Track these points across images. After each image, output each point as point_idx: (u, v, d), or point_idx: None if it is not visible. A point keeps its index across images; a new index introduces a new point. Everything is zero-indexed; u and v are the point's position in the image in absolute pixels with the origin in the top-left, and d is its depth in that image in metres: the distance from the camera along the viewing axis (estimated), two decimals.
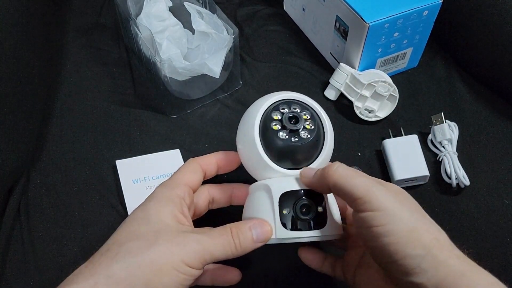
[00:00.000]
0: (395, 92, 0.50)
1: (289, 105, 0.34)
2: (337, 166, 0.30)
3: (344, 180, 0.29)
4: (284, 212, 0.31)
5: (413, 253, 0.26)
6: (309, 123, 0.33)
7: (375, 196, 0.27)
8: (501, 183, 0.46)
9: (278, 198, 0.31)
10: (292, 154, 0.33)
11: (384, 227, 0.27)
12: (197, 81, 0.50)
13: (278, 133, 0.33)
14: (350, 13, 0.49)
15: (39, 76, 0.51)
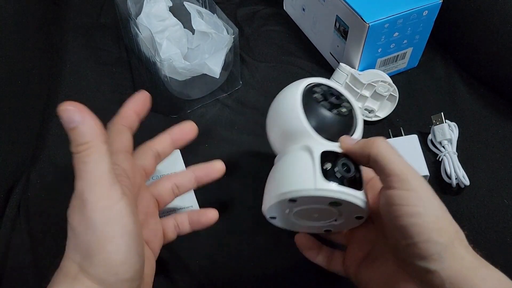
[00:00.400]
0: (395, 92, 0.50)
1: (328, 87, 0.36)
2: (380, 139, 0.30)
3: (386, 154, 0.29)
4: (325, 167, 0.30)
5: (437, 240, 0.26)
6: (346, 104, 0.35)
7: (412, 177, 0.28)
8: (501, 183, 0.46)
9: (320, 154, 0.30)
10: (332, 124, 0.33)
11: (415, 208, 0.27)
12: (197, 81, 0.50)
13: (320, 102, 0.34)
14: (350, 13, 0.49)
15: (39, 76, 0.51)
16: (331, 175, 0.30)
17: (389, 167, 0.28)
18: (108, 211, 0.25)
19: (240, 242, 0.42)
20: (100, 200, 0.25)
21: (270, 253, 0.42)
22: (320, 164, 0.30)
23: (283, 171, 0.32)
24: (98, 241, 0.25)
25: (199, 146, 0.50)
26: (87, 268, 0.25)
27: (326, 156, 0.31)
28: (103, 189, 0.25)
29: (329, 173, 0.30)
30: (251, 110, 0.53)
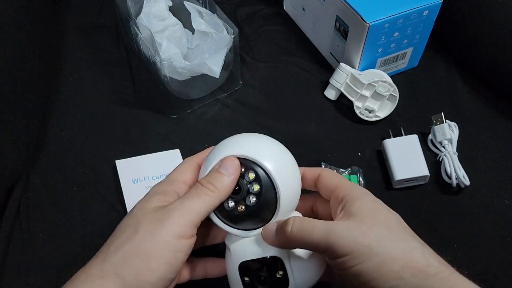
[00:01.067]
0: (395, 92, 0.50)
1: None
2: (290, 225, 0.29)
3: (302, 238, 0.29)
4: (246, 279, 0.32)
5: (388, 285, 0.26)
6: (256, 184, 0.31)
7: (337, 242, 0.28)
8: (501, 183, 0.46)
9: (238, 268, 0.32)
10: (244, 220, 0.32)
11: (356, 268, 0.27)
12: (197, 81, 0.50)
13: (224, 204, 0.31)
14: (350, 13, 0.49)
15: (39, 76, 0.51)
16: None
17: (314, 247, 0.29)
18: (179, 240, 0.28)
19: None
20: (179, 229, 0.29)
21: None
22: (240, 279, 0.32)
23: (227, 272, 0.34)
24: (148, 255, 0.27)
25: (199, 146, 0.50)
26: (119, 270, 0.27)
27: (245, 268, 0.32)
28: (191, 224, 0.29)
29: (250, 286, 0.32)
30: (251, 110, 0.53)
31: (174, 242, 0.28)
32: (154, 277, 0.28)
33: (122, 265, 0.27)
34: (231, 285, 0.34)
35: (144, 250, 0.28)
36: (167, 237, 0.28)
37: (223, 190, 0.30)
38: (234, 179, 0.31)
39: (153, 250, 0.28)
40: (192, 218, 0.29)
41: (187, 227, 0.29)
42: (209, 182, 0.30)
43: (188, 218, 0.29)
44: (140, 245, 0.28)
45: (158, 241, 0.28)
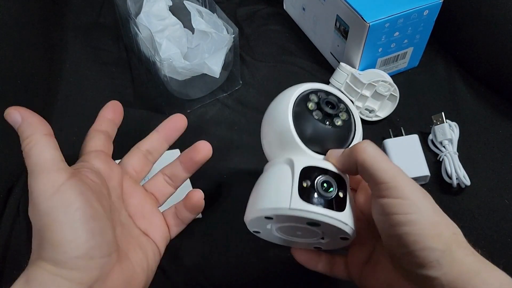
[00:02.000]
0: (395, 92, 0.50)
1: (326, 93, 0.33)
2: (366, 144, 0.28)
3: (373, 160, 0.27)
4: (304, 184, 0.28)
5: (434, 246, 0.25)
6: (343, 115, 0.32)
7: (402, 183, 0.27)
8: (502, 183, 0.46)
9: (300, 170, 0.29)
10: (323, 137, 0.31)
11: (408, 216, 0.26)
12: (197, 81, 0.50)
13: (313, 112, 0.31)
14: (351, 12, 0.49)
15: (39, 76, 0.51)
16: (309, 194, 0.28)
17: (377, 174, 0.27)
18: (52, 194, 0.26)
19: (239, 242, 0.42)
20: (43, 185, 0.26)
21: (268, 253, 0.41)
22: (298, 181, 0.28)
23: (263, 185, 0.31)
24: (44, 223, 0.26)
25: None
26: (41, 252, 0.26)
27: (308, 173, 0.29)
28: (47, 176, 0.26)
29: (307, 192, 0.28)
30: (251, 110, 0.53)
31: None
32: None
33: None
34: (269, 195, 0.30)
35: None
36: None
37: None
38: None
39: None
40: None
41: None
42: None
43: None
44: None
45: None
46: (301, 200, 0.28)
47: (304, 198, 0.28)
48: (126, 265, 0.29)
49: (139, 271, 0.30)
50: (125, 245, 0.30)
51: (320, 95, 0.32)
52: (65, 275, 0.25)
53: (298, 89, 0.33)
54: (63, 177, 0.27)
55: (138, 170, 0.35)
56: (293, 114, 0.31)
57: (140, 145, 0.36)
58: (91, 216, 0.26)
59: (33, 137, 0.28)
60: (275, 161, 0.32)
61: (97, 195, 0.28)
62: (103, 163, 0.32)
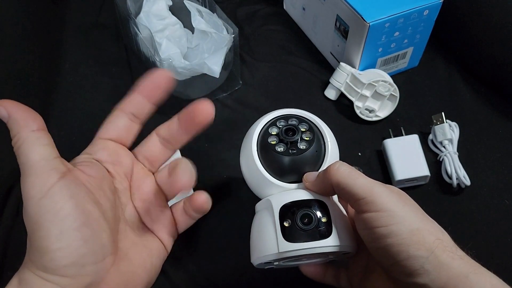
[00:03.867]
0: (395, 92, 0.50)
1: (286, 119, 0.34)
2: (338, 165, 0.29)
3: (347, 180, 0.28)
4: (286, 224, 0.30)
5: (417, 254, 0.25)
6: (307, 135, 0.33)
7: (378, 196, 0.27)
8: (502, 183, 0.46)
9: (279, 211, 0.30)
10: (291, 166, 0.32)
11: (387, 228, 0.26)
12: (197, 80, 0.50)
13: (275, 147, 0.32)
14: (351, 12, 0.49)
15: (38, 76, 0.51)
16: (292, 233, 0.29)
17: (353, 193, 0.28)
18: (39, 199, 0.24)
19: (239, 242, 0.42)
20: (31, 188, 0.25)
21: None
22: (279, 224, 0.30)
23: (255, 234, 0.32)
24: (32, 229, 0.25)
25: (199, 146, 0.49)
26: (31, 255, 0.25)
27: (286, 211, 0.30)
28: (36, 178, 0.25)
29: (290, 231, 0.29)
30: (251, 110, 0.53)
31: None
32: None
33: None
34: (259, 244, 0.31)
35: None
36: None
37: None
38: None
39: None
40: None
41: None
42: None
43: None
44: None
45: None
46: (286, 242, 0.29)
47: (289, 239, 0.29)
48: (125, 266, 0.28)
49: (140, 271, 0.29)
50: (125, 245, 0.29)
51: (280, 123, 0.34)
52: (55, 281, 0.24)
53: (257, 126, 0.34)
54: (53, 179, 0.25)
55: (154, 159, 0.33)
56: (259, 154, 0.33)
57: (157, 131, 0.34)
58: (82, 222, 0.25)
59: (20, 135, 0.26)
60: (259, 203, 0.34)
61: (95, 193, 0.27)
62: (109, 154, 0.30)
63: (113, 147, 0.31)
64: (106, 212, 0.27)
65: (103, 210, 0.27)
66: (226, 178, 0.47)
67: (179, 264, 0.41)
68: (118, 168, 0.31)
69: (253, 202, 0.45)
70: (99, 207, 0.27)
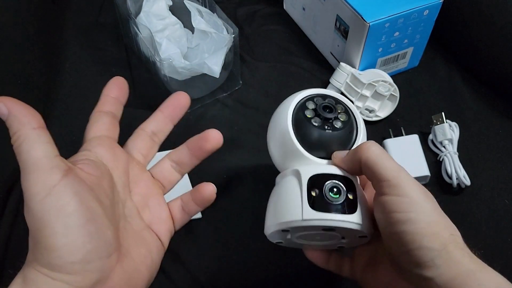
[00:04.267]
0: (395, 92, 0.50)
1: (323, 97, 0.34)
2: (370, 143, 0.29)
3: (376, 158, 0.28)
4: (313, 193, 0.29)
5: (430, 246, 0.25)
6: (343, 116, 0.33)
7: (404, 181, 0.27)
8: (502, 183, 0.46)
9: (307, 180, 0.30)
10: (324, 142, 0.32)
11: (406, 214, 0.26)
12: (197, 80, 0.50)
13: (311, 120, 0.32)
14: (351, 12, 0.49)
15: (38, 76, 0.51)
16: (318, 202, 0.29)
17: (379, 172, 0.27)
18: (44, 197, 0.24)
19: (239, 242, 0.42)
20: (34, 186, 0.25)
21: (273, 255, 0.41)
22: (307, 191, 0.29)
23: (276, 200, 0.32)
24: (37, 227, 0.24)
25: None
26: (36, 254, 0.25)
27: (315, 181, 0.30)
28: (38, 175, 0.25)
29: (317, 200, 0.29)
30: (251, 110, 0.53)
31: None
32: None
33: None
34: (281, 210, 0.31)
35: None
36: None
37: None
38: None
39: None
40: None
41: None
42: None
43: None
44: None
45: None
46: (312, 210, 0.29)
47: (315, 207, 0.29)
48: (127, 263, 0.28)
49: (143, 268, 0.30)
50: (127, 242, 0.29)
51: (317, 100, 0.34)
52: (61, 279, 0.24)
53: (295, 98, 0.34)
54: (56, 177, 0.25)
55: (144, 153, 0.34)
56: (293, 124, 0.33)
57: (143, 126, 0.35)
58: (87, 219, 0.25)
59: (21, 132, 0.26)
60: (283, 173, 0.33)
61: (96, 191, 0.27)
62: (106, 150, 0.30)
63: (108, 143, 0.31)
64: (108, 209, 0.28)
65: (105, 208, 0.27)
66: (226, 178, 0.47)
67: (179, 263, 0.41)
68: (116, 163, 0.31)
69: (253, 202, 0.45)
70: (101, 205, 0.27)
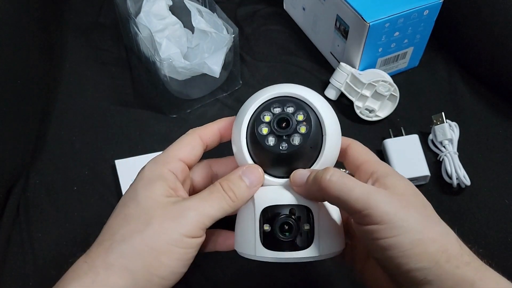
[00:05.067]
0: (395, 92, 0.50)
1: (283, 103, 0.30)
2: (330, 174, 0.26)
3: (340, 192, 0.26)
4: (266, 227, 0.28)
5: (419, 266, 0.25)
6: (304, 126, 0.29)
7: (376, 207, 0.25)
8: (502, 183, 0.46)
9: (260, 213, 0.29)
10: (281, 162, 0.29)
11: (388, 240, 0.25)
12: (197, 80, 0.50)
13: (266, 139, 0.29)
14: (351, 12, 0.49)
15: (38, 76, 0.51)
16: (270, 239, 0.28)
17: (347, 206, 0.26)
18: (190, 239, 0.28)
19: None
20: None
21: None
22: (259, 226, 0.29)
23: (237, 222, 0.31)
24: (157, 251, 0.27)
25: None
26: (128, 263, 0.27)
27: (268, 214, 0.29)
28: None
29: (269, 237, 0.28)
30: None
31: (186, 240, 0.28)
32: (166, 272, 0.27)
33: (132, 258, 0.27)
34: (241, 239, 0.30)
35: (156, 245, 0.27)
36: (179, 235, 0.27)
37: (241, 200, 0.29)
38: (254, 192, 0.30)
39: (165, 246, 0.27)
40: (205, 221, 0.28)
41: (200, 228, 0.28)
42: (231, 189, 0.29)
43: (202, 221, 0.28)
44: (153, 240, 0.27)
45: (171, 237, 0.27)
46: (263, 248, 0.28)
47: (266, 245, 0.28)
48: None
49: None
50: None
51: (275, 109, 0.30)
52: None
53: (248, 110, 0.30)
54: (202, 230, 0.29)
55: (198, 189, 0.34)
56: (248, 142, 0.30)
57: (210, 163, 0.35)
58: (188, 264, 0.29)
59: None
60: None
61: None
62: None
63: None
64: None
65: None
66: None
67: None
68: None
69: None
70: None
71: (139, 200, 0.29)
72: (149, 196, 0.29)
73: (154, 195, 0.29)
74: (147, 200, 0.29)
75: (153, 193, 0.29)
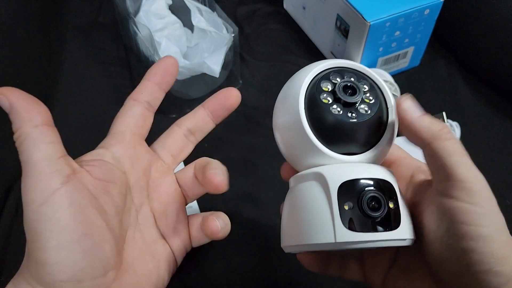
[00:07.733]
0: (396, 91, 0.50)
1: (341, 74, 0.26)
2: (448, 129, 0.23)
3: (455, 151, 0.23)
4: (346, 207, 0.23)
5: (500, 271, 0.20)
6: (369, 95, 0.26)
7: (481, 187, 0.22)
8: (503, 183, 0.46)
9: (337, 189, 0.23)
10: (349, 134, 0.25)
11: (479, 229, 0.21)
12: (197, 80, 0.50)
13: (329, 108, 0.25)
14: (351, 11, 0.48)
15: (37, 75, 0.51)
16: (355, 219, 0.23)
17: (453, 169, 0.22)
18: (40, 204, 0.22)
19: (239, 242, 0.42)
20: (31, 192, 0.22)
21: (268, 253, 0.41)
22: (338, 206, 0.23)
23: (296, 212, 0.26)
24: (30, 237, 0.22)
25: (198, 146, 0.49)
26: (28, 265, 0.23)
27: (346, 191, 0.23)
28: (36, 180, 0.22)
29: (352, 217, 0.23)
30: (251, 109, 0.53)
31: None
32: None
33: None
34: (306, 229, 0.24)
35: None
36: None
37: None
38: None
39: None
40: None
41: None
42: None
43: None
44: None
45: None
46: (348, 231, 0.23)
47: (350, 227, 0.23)
48: (128, 278, 0.26)
49: (145, 284, 0.27)
50: (132, 254, 0.27)
51: (334, 78, 0.26)
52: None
53: (308, 75, 0.26)
54: (55, 184, 0.23)
55: (175, 153, 0.31)
56: (307, 115, 0.25)
57: (180, 122, 0.31)
58: (83, 233, 0.23)
59: (22, 130, 0.23)
60: (300, 176, 0.26)
61: (100, 199, 0.25)
62: (125, 149, 0.28)
63: (130, 140, 0.28)
64: (111, 220, 0.25)
65: (107, 218, 0.25)
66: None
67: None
68: (136, 164, 0.28)
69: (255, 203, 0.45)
70: (103, 215, 0.24)
71: None
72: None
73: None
74: None
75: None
